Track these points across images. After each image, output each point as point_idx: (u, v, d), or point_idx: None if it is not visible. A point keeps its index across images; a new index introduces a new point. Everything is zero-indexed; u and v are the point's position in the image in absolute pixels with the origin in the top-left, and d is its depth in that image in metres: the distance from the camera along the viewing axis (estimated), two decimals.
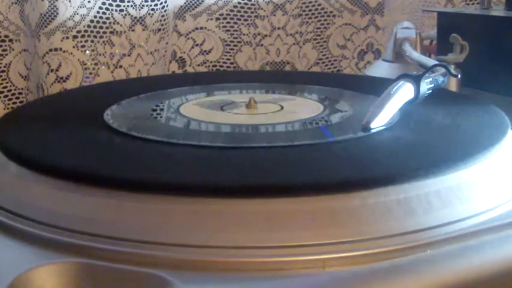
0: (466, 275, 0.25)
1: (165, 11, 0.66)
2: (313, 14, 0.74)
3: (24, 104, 0.63)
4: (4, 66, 0.63)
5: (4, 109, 0.64)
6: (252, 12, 0.72)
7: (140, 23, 0.64)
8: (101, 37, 0.63)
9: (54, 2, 0.59)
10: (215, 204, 0.27)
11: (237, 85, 0.50)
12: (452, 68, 0.45)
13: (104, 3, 0.62)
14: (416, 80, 0.38)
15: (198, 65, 0.72)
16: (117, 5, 0.63)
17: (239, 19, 0.72)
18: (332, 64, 0.77)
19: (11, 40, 0.63)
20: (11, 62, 0.63)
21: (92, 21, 0.62)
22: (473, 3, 0.76)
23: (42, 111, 0.43)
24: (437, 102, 0.40)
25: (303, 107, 0.42)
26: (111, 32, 0.63)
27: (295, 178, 0.29)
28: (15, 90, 0.64)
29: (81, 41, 0.62)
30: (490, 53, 0.53)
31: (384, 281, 0.24)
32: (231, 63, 0.73)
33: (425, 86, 0.38)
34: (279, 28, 0.73)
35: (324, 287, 0.24)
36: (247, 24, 0.72)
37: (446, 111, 0.39)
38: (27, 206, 0.29)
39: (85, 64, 0.62)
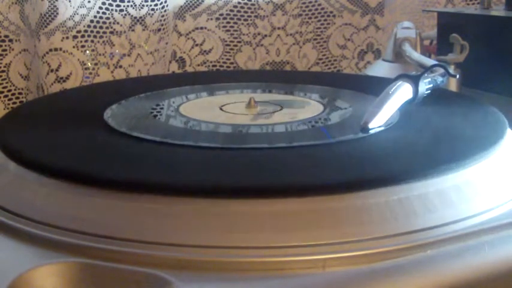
0: (466, 275, 0.25)
1: (165, 11, 0.66)
2: (313, 14, 0.74)
3: (24, 104, 0.63)
4: (4, 66, 0.63)
5: (4, 109, 0.64)
6: (252, 12, 0.72)
7: (140, 23, 0.64)
8: (101, 37, 0.63)
9: (54, 2, 0.59)
10: (215, 204, 0.27)
11: (237, 85, 0.49)
12: (451, 68, 0.45)
13: (104, 3, 0.62)
14: (415, 80, 0.38)
15: (198, 65, 0.72)
16: (117, 5, 0.63)
17: (239, 19, 0.72)
18: (332, 64, 0.77)
19: (11, 40, 0.63)
20: (11, 62, 0.63)
21: (92, 21, 0.62)
22: (473, 3, 0.76)
23: (42, 111, 0.43)
24: (437, 102, 0.40)
25: (303, 107, 0.42)
26: (111, 32, 0.63)
27: (295, 179, 0.29)
28: (15, 90, 0.64)
29: (81, 41, 0.62)
30: (490, 53, 0.53)
31: (384, 281, 0.24)
32: (231, 63, 0.73)
33: (424, 86, 0.38)
34: (279, 28, 0.73)
35: (324, 287, 0.24)
36: (247, 24, 0.72)
37: (445, 111, 0.39)
38: (27, 206, 0.29)
39: (85, 64, 0.62)
